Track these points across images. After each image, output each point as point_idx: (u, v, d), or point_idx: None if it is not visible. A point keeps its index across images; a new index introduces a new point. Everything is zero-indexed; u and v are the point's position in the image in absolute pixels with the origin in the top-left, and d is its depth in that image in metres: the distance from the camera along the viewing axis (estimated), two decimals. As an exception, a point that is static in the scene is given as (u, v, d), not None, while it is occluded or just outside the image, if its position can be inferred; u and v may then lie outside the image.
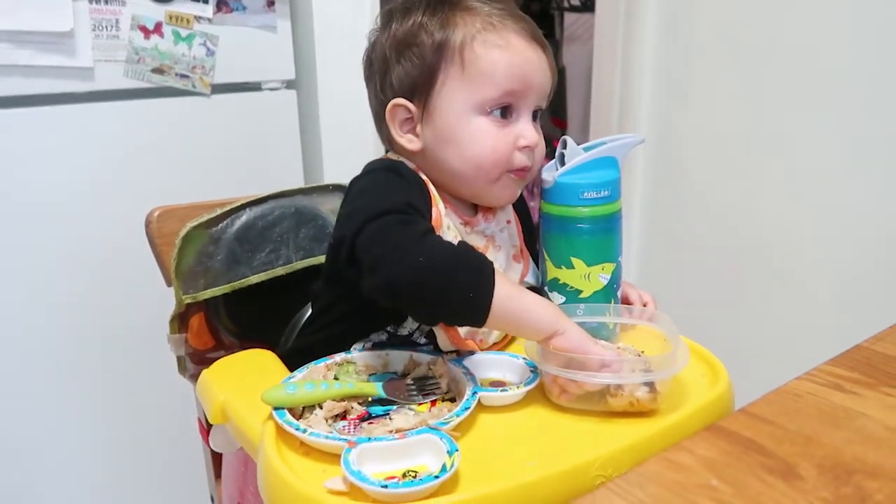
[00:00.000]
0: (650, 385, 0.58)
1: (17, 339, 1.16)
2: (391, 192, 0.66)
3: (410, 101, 0.70)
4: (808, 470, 0.42)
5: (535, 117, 0.72)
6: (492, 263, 0.60)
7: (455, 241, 0.66)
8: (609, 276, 0.72)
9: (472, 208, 0.74)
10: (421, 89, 0.69)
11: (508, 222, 0.77)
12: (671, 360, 0.59)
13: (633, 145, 0.74)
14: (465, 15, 0.68)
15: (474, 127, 0.68)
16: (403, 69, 0.69)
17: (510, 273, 0.75)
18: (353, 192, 0.68)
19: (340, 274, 0.67)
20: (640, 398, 0.58)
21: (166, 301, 0.84)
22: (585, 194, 0.70)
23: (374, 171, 0.70)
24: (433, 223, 0.67)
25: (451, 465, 0.49)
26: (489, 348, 0.73)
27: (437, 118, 0.69)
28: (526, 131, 0.69)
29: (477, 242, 0.72)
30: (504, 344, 0.75)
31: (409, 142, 0.71)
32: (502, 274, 0.61)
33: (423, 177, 0.71)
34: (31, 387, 1.18)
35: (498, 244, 0.74)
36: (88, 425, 1.25)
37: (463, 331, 0.69)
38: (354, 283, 0.62)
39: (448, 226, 0.70)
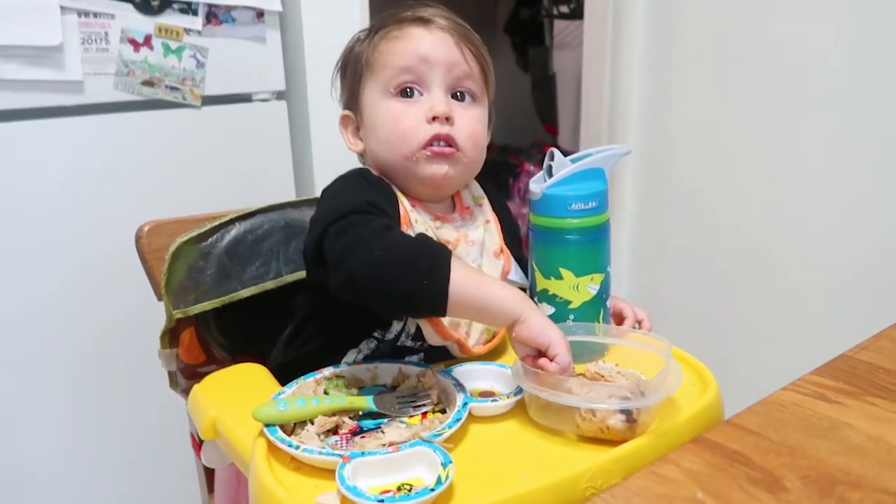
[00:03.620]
0: (627, 413, 0.56)
1: (6, 354, 1.15)
2: (353, 193, 0.70)
3: (352, 109, 0.77)
4: (792, 482, 0.43)
5: (459, 97, 0.74)
6: (449, 252, 0.62)
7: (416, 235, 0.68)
8: (598, 287, 0.73)
9: (450, 207, 0.77)
10: (354, 98, 0.76)
11: (487, 222, 0.78)
12: (653, 387, 0.57)
13: (619, 156, 0.75)
14: (386, 26, 0.74)
15: (384, 109, 0.72)
16: (344, 87, 0.78)
17: (491, 270, 0.76)
18: (323, 198, 0.72)
19: (317, 279, 0.69)
20: (611, 426, 0.56)
21: (157, 315, 0.84)
22: (573, 206, 0.71)
23: (341, 177, 0.74)
24: (401, 220, 0.70)
25: (447, 478, 0.50)
26: (478, 347, 0.73)
27: (364, 117, 0.75)
28: (436, 103, 0.71)
29: (448, 237, 0.73)
30: (494, 344, 0.75)
31: (353, 145, 0.78)
32: (462, 262, 0.63)
33: (387, 180, 0.74)
34: (21, 401, 1.17)
35: (471, 240, 0.75)
36: (80, 440, 1.24)
37: (446, 321, 0.70)
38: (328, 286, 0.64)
39: (416, 220, 0.72)
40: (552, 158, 0.74)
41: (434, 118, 0.70)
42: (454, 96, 0.73)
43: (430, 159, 0.71)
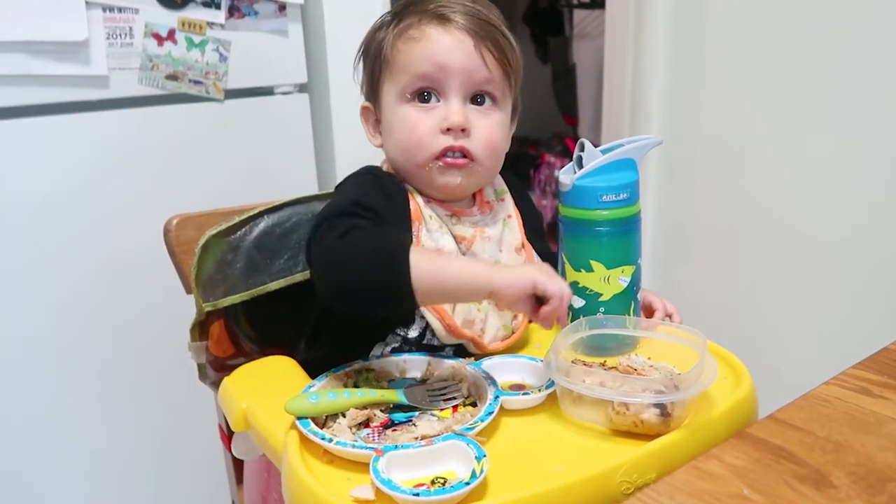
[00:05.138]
0: (661, 407, 0.55)
1: (36, 348, 1.17)
2: (344, 195, 0.71)
3: (371, 102, 0.76)
4: (840, 478, 0.42)
5: (479, 102, 0.72)
6: (407, 244, 0.61)
7: (433, 231, 0.70)
8: (629, 279, 0.72)
9: (470, 201, 0.76)
10: (373, 91, 0.75)
11: (509, 217, 0.78)
12: (688, 381, 0.56)
13: (650, 147, 0.74)
14: (407, 16, 0.72)
15: (399, 114, 0.72)
16: (364, 75, 0.77)
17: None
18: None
19: None
20: (645, 420, 0.56)
21: (182, 308, 0.84)
22: (604, 197, 0.70)
23: (351, 175, 0.74)
24: (412, 216, 0.70)
25: (481, 471, 0.49)
26: (494, 344, 0.72)
27: (382, 114, 0.74)
28: (451, 113, 0.69)
29: (464, 233, 0.73)
30: (512, 341, 0.74)
31: (373, 138, 0.77)
32: (424, 250, 0.64)
33: (400, 176, 0.74)
34: (51, 394, 1.19)
35: (488, 235, 0.74)
36: (109, 432, 1.25)
37: (459, 320, 0.70)
38: None
39: (430, 216, 0.71)
40: (582, 149, 0.73)
41: (448, 129, 0.69)
42: (473, 100, 0.71)
43: (443, 170, 0.71)
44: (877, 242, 1.24)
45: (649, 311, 0.78)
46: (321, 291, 0.64)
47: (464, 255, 0.72)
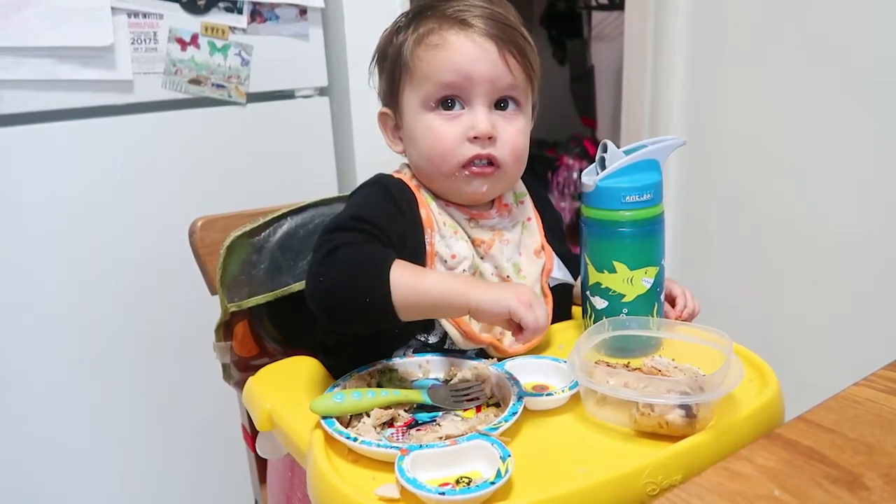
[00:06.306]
0: (687, 409, 0.55)
1: (61, 348, 1.18)
2: (347, 208, 0.71)
3: (390, 108, 0.76)
4: (873, 480, 0.41)
5: (502, 107, 0.71)
6: (389, 260, 0.62)
7: (447, 238, 0.70)
8: (652, 280, 0.72)
9: (488, 204, 0.76)
10: (393, 97, 0.75)
11: (528, 219, 0.78)
12: (714, 382, 0.55)
13: (674, 148, 0.73)
14: (426, 20, 0.71)
15: (423, 123, 0.71)
16: (382, 80, 0.76)
17: (531, 268, 0.75)
18: None
19: None
20: (669, 421, 0.55)
21: (207, 309, 0.85)
22: (627, 198, 0.70)
23: (361, 185, 0.75)
24: (423, 223, 0.70)
25: (506, 471, 0.50)
26: (515, 347, 0.72)
27: (404, 121, 0.74)
28: (477, 122, 0.69)
29: (482, 236, 0.73)
30: (534, 343, 0.73)
31: (394, 144, 0.77)
32: (406, 265, 0.63)
33: (415, 182, 0.74)
34: (75, 393, 1.21)
35: (506, 238, 0.74)
36: (133, 431, 1.27)
37: (476, 326, 0.70)
38: None
39: (444, 223, 0.72)
40: (605, 150, 0.73)
41: (476, 137, 0.69)
42: (497, 105, 0.71)
43: (470, 179, 0.71)
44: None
45: (671, 299, 0.78)
46: (311, 307, 0.64)
47: (482, 259, 0.73)
